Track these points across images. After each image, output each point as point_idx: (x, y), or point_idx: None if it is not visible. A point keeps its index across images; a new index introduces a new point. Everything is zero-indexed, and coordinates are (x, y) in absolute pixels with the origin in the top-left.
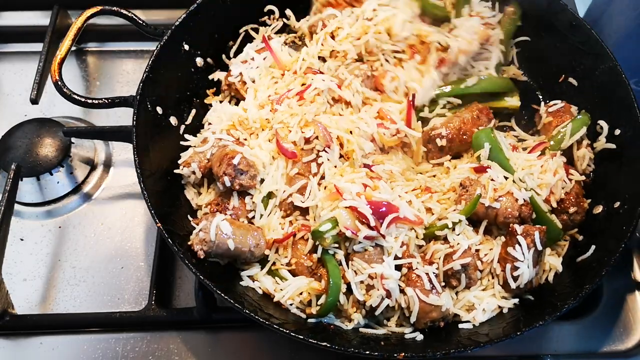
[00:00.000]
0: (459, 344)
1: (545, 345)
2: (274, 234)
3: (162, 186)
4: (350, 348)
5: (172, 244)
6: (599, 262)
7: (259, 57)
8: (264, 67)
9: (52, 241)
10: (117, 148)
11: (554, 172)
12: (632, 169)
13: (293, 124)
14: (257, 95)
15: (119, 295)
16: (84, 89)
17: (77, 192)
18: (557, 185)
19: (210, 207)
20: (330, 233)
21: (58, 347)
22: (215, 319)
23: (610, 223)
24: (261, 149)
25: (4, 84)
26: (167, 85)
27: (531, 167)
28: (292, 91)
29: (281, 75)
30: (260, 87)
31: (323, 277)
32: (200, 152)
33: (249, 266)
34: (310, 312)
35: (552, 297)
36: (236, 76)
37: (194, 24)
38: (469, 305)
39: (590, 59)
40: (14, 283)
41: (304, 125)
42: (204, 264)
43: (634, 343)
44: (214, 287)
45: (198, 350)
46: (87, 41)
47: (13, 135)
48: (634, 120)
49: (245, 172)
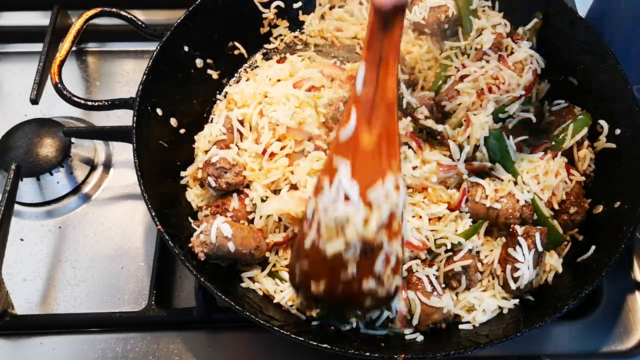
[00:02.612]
0: (459, 345)
1: (545, 345)
2: (273, 236)
3: (162, 188)
4: (351, 350)
5: (172, 246)
6: (599, 262)
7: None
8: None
9: (52, 241)
10: (117, 148)
11: (556, 174)
12: (633, 169)
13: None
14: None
15: (119, 296)
16: (84, 90)
17: (77, 193)
18: (559, 186)
19: (210, 209)
20: None
21: (58, 347)
22: (215, 319)
23: (611, 223)
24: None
25: (4, 84)
26: (167, 87)
27: (535, 168)
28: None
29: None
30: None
31: None
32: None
33: (249, 268)
34: (310, 314)
35: (552, 297)
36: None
37: (193, 25)
38: (469, 306)
39: (590, 58)
40: (14, 283)
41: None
42: (204, 266)
43: (634, 343)
44: (214, 289)
45: (198, 350)
46: (87, 41)
47: (13, 135)
48: (634, 120)
49: (229, 170)
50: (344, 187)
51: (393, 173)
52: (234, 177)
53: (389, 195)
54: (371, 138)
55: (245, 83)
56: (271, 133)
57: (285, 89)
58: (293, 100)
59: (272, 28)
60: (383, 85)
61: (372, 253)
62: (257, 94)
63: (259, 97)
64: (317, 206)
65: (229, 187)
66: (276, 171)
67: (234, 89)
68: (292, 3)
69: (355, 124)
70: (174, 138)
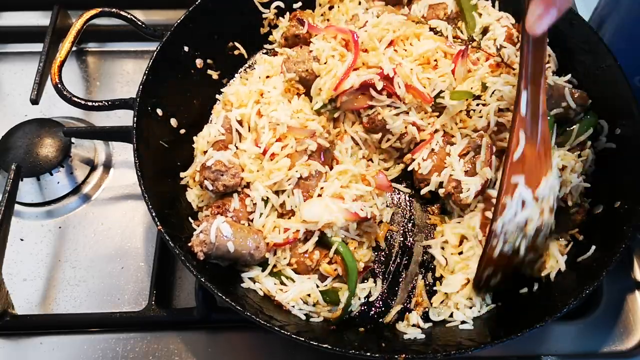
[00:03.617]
0: (459, 345)
1: (545, 345)
2: (272, 236)
3: (162, 188)
4: (352, 350)
5: (172, 246)
6: (599, 262)
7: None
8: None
9: (52, 241)
10: (117, 148)
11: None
12: (633, 169)
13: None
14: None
15: (119, 296)
16: (84, 90)
17: (77, 193)
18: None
19: (211, 209)
20: None
21: (58, 347)
22: (215, 319)
23: (611, 223)
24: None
25: (4, 84)
26: (167, 87)
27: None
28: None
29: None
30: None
31: (331, 272)
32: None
33: (249, 269)
34: (334, 315)
35: (553, 297)
36: None
37: (193, 25)
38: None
39: (590, 58)
40: (14, 283)
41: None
42: (204, 266)
43: (634, 343)
44: (215, 289)
45: (198, 350)
46: (87, 41)
47: (13, 136)
48: (634, 119)
49: (225, 172)
50: (523, 196)
51: (551, 168)
52: (231, 179)
53: (553, 187)
54: (535, 147)
55: (240, 83)
56: (272, 133)
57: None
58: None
59: (272, 28)
60: (538, 100)
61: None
62: (252, 92)
63: (254, 95)
64: (504, 223)
65: (227, 189)
66: (279, 172)
67: (230, 90)
68: (292, 3)
69: (524, 143)
70: (174, 138)
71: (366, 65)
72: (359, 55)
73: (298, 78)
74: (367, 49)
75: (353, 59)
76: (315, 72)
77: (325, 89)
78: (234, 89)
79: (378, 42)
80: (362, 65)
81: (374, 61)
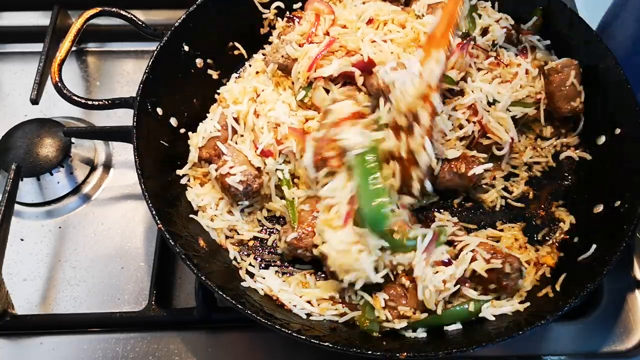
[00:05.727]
0: (460, 344)
1: (545, 345)
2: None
3: (162, 187)
4: (353, 348)
5: (173, 244)
6: (599, 261)
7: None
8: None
9: (52, 241)
10: (117, 148)
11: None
12: (633, 169)
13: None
14: None
15: (119, 296)
16: (84, 90)
17: (77, 193)
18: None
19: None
20: None
21: (58, 347)
22: (215, 319)
23: (611, 222)
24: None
25: (4, 84)
26: (167, 86)
27: None
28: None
29: None
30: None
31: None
32: None
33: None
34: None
35: (553, 296)
36: None
37: (193, 25)
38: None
39: (590, 58)
40: (14, 283)
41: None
42: (205, 265)
43: (634, 343)
44: (215, 287)
45: (198, 350)
46: (87, 41)
47: (13, 136)
48: (634, 119)
49: (250, 185)
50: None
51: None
52: (257, 185)
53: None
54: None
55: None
56: (271, 134)
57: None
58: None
59: (272, 28)
60: None
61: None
62: (246, 89)
63: (249, 92)
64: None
65: (258, 188)
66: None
67: (225, 88)
68: (292, 3)
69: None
70: (174, 137)
71: (345, 49)
72: (335, 20)
73: (278, 66)
74: (345, 25)
75: (328, 42)
76: (292, 57)
77: (302, 71)
78: (229, 86)
79: (357, 17)
80: (340, 49)
81: (352, 46)
